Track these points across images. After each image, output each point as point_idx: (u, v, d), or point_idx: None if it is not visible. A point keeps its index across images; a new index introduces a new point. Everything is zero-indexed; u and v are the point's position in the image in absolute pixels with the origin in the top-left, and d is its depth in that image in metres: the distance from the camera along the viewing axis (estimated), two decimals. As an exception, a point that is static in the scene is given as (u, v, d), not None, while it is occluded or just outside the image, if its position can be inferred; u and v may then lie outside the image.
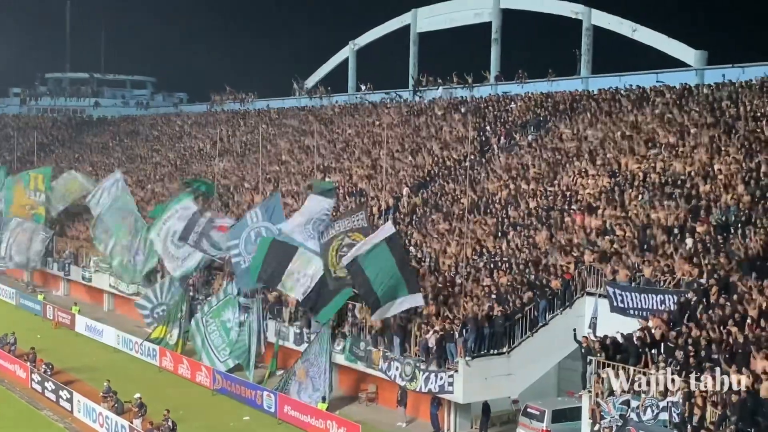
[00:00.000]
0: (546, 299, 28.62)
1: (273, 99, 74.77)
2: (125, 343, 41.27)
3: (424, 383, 28.30)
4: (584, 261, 29.34)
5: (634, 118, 39.38)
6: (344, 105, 64.83)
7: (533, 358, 28.58)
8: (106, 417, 29.72)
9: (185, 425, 28.85)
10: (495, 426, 29.34)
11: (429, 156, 46.77)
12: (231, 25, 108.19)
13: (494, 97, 52.82)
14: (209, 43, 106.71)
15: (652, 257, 27.51)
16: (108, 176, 53.54)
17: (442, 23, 61.90)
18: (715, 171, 31.09)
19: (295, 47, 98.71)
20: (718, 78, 41.03)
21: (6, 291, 54.77)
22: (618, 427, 22.38)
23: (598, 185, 34.52)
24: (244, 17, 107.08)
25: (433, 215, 39.34)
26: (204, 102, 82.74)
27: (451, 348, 27.91)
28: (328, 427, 28.57)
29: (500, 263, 32.15)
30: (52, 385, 33.73)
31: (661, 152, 34.66)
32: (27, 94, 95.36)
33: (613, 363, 23.26)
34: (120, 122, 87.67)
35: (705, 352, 22.03)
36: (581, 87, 49.10)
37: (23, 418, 31.79)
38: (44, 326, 47.07)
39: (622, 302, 26.73)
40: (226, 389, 33.88)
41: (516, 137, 44.92)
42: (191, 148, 69.50)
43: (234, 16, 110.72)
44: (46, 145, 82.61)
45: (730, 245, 26.36)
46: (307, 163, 53.17)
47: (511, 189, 38.08)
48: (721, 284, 24.44)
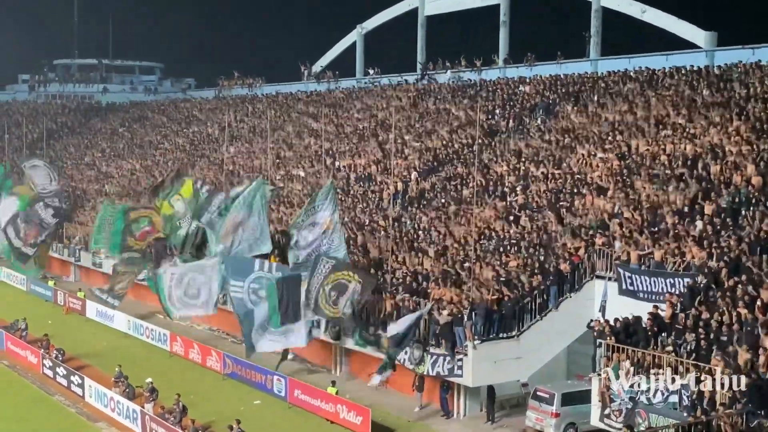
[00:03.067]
0: (555, 283, 28.55)
1: (281, 84, 74.69)
2: (136, 329, 41.44)
3: (431, 367, 28.29)
4: (594, 244, 29.26)
5: (644, 100, 39.17)
6: (352, 89, 64.69)
7: (542, 341, 28.53)
8: (118, 402, 29.89)
9: (196, 409, 29.00)
10: (504, 409, 29.38)
11: (437, 140, 46.66)
12: (239, 10, 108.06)
13: (503, 80, 52.61)
14: (217, 29, 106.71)
15: (662, 240, 27.40)
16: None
17: (450, 6, 61.66)
18: (726, 152, 30.93)
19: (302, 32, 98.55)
20: (728, 59, 40.75)
21: (17, 277, 54.98)
22: (628, 409, 22.35)
23: (607, 167, 34.38)
24: (252, 3, 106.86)
25: (442, 199, 39.28)
26: (212, 87, 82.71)
27: (460, 332, 27.91)
28: (338, 410, 28.66)
29: (509, 247, 32.10)
30: (63, 370, 33.91)
31: (671, 134, 34.49)
32: (36, 81, 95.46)
33: (623, 346, 23.23)
34: (128, 108, 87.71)
35: (715, 335, 21.98)
36: (590, 69, 48.86)
37: (35, 404, 31.99)
38: (55, 312, 47.29)
39: (632, 285, 26.68)
40: (236, 374, 34.00)
41: (525, 120, 44.75)
42: (200, 133, 69.52)
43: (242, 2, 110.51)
44: (55, 131, 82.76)
45: (741, 227, 26.23)
46: (315, 148, 53.12)
47: (520, 172, 37.97)
48: (731, 266, 24.32)
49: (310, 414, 29.78)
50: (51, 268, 58.78)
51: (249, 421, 27.51)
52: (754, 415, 19.27)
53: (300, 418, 29.71)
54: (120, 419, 29.49)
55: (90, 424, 29.80)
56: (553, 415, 26.64)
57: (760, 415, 19.24)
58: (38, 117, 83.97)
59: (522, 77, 51.16)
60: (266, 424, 29.07)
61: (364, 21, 69.63)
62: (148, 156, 68.39)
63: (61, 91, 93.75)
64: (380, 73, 64.97)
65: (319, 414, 29.43)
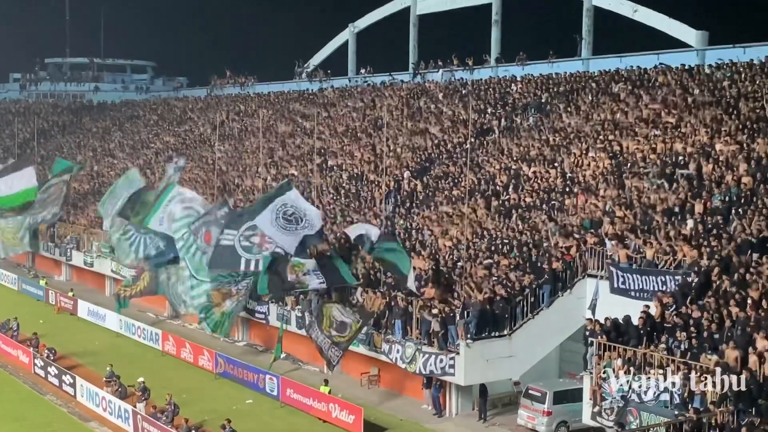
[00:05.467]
0: (547, 282, 28.61)
1: (273, 83, 74.61)
2: (128, 328, 41.35)
3: (423, 366, 28.34)
4: (586, 243, 29.33)
5: (635, 99, 39.26)
6: (344, 88, 64.66)
7: (534, 340, 28.62)
8: (110, 401, 29.83)
9: (188, 408, 28.97)
10: (496, 407, 29.43)
11: (429, 139, 46.69)
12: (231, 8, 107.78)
13: (495, 79, 52.66)
14: (209, 28, 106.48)
15: (653, 238, 27.49)
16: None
17: (442, 5, 61.59)
18: (717, 151, 31.03)
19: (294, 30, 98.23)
20: (719, 58, 40.85)
21: (8, 276, 54.83)
22: (619, 408, 22.41)
23: (599, 167, 34.46)
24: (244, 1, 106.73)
25: (434, 198, 39.31)
26: (204, 86, 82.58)
27: (452, 330, 27.94)
28: (330, 409, 28.66)
29: (501, 246, 32.15)
30: (55, 370, 33.82)
31: (662, 133, 34.59)
32: (27, 79, 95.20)
33: (614, 344, 23.30)
34: (120, 107, 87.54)
35: (706, 333, 22.06)
36: (582, 68, 48.93)
37: (26, 403, 31.90)
38: (47, 311, 47.16)
39: (623, 283, 26.75)
40: (228, 373, 33.97)
41: (517, 120, 44.80)
42: (192, 132, 69.41)
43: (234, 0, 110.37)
44: (47, 131, 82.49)
45: (731, 226, 26.33)
46: (307, 147, 53.09)
47: (512, 171, 38.03)
48: (723, 265, 24.41)
49: (302, 413, 29.78)
50: (42, 267, 58.74)
51: (241, 420, 27.51)
52: (745, 413, 19.37)
53: (292, 417, 29.71)
54: (112, 419, 29.42)
55: (82, 424, 29.72)
56: (544, 414, 26.76)
57: (751, 414, 19.33)
58: (29, 116, 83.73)
59: (514, 76, 51.22)
60: (259, 423, 29.06)
61: (356, 20, 69.59)
62: (140, 155, 68.24)
63: (53, 90, 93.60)
64: (372, 72, 64.98)
65: (311, 413, 29.43)
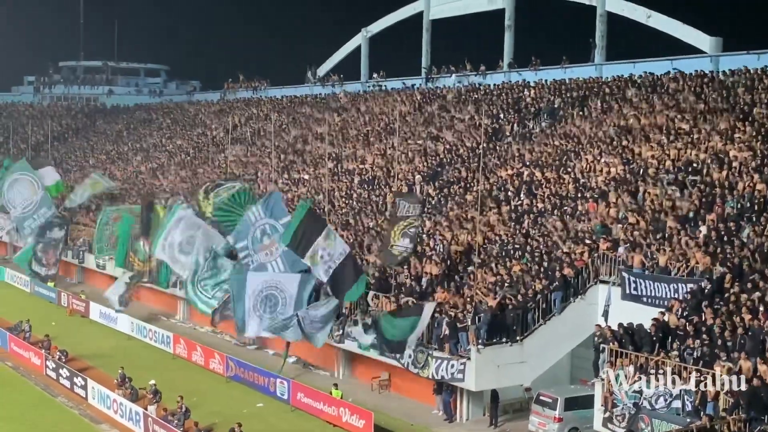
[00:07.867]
0: (559, 288, 28.52)
1: (286, 87, 74.75)
2: (139, 331, 41.45)
3: (435, 371, 28.31)
4: (598, 249, 29.23)
5: (649, 105, 39.14)
6: (357, 92, 64.73)
7: (546, 346, 28.53)
8: (121, 404, 29.91)
9: (199, 411, 29.01)
10: (507, 413, 29.35)
11: (442, 144, 46.67)
12: (244, 13, 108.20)
13: (507, 84, 52.60)
14: (222, 31, 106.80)
15: (667, 245, 27.38)
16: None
17: (456, 10, 61.58)
18: (730, 158, 30.89)
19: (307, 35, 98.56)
20: (733, 65, 40.68)
21: (21, 279, 55.04)
22: (631, 414, 22.35)
23: (612, 173, 34.35)
24: (256, 5, 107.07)
25: (446, 203, 39.27)
26: (217, 90, 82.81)
27: (463, 336, 27.89)
28: (340, 414, 28.63)
29: (513, 251, 32.08)
30: (66, 372, 33.92)
31: (676, 139, 34.46)
32: (41, 83, 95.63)
33: (626, 351, 23.21)
34: (134, 110, 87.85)
35: (719, 341, 21.95)
36: (595, 74, 48.84)
37: (38, 405, 32.01)
38: (59, 313, 47.33)
39: (636, 289, 26.67)
40: (239, 376, 34.00)
41: (529, 125, 44.74)
42: (205, 136, 69.63)
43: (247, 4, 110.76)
44: (60, 134, 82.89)
45: (744, 233, 26.20)
46: (320, 152, 53.15)
47: (525, 177, 37.95)
48: (735, 272, 24.31)
49: (312, 417, 29.76)
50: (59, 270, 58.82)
51: (252, 423, 27.54)
52: (757, 421, 19.27)
53: (302, 421, 29.70)
54: (123, 421, 29.48)
55: (93, 426, 29.81)
56: (556, 420, 26.64)
57: (763, 421, 19.23)
58: (43, 119, 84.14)
59: (527, 81, 51.17)
60: (269, 426, 29.07)
61: (369, 24, 69.70)
62: (153, 158, 68.48)
63: (67, 93, 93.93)
64: (385, 77, 65.05)
65: (322, 417, 29.41)
